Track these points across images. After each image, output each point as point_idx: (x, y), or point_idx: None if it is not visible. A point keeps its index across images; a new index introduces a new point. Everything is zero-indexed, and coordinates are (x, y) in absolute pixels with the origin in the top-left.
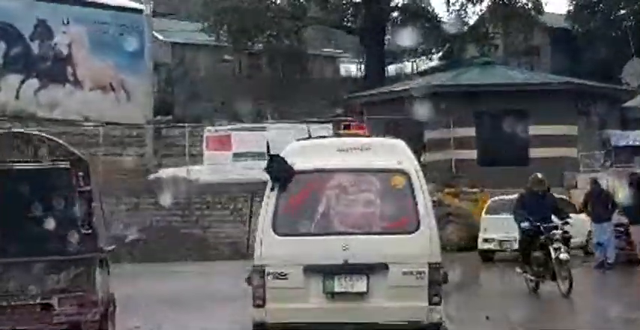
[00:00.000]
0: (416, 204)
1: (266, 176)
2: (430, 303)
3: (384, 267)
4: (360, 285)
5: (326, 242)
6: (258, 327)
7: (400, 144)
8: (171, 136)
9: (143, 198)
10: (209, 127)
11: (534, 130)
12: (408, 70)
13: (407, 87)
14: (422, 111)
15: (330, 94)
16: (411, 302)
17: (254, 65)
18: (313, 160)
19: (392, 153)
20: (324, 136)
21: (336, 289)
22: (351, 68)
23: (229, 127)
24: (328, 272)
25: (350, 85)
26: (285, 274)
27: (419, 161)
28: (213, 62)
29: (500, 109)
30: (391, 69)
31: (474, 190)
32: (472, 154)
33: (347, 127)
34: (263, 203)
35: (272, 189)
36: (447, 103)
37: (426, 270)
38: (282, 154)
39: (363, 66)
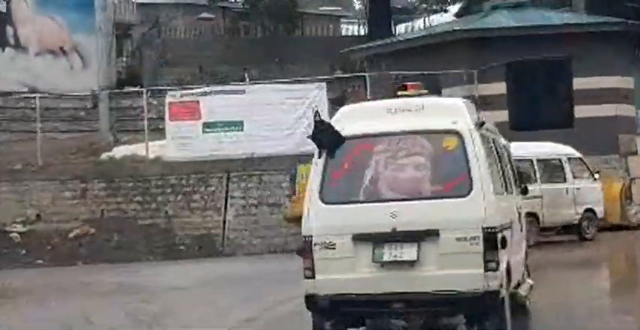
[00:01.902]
0: (469, 166)
1: (247, 151)
2: (486, 270)
3: (434, 233)
4: (410, 253)
5: (374, 210)
6: (309, 299)
7: (458, 103)
8: (134, 108)
9: (92, 182)
10: (172, 92)
11: (580, 83)
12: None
13: (419, 35)
14: (438, 63)
15: (328, 54)
16: (464, 270)
17: (237, 25)
18: (362, 125)
19: (447, 113)
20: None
21: (386, 258)
22: (354, 29)
23: (198, 90)
24: (377, 241)
25: (352, 45)
26: (334, 244)
27: None
28: (190, 22)
29: (537, 59)
30: (400, 29)
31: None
32: (502, 115)
33: (403, 87)
34: (311, 172)
35: (319, 156)
36: (469, 53)
37: (480, 235)
38: (332, 119)
39: (366, 24)
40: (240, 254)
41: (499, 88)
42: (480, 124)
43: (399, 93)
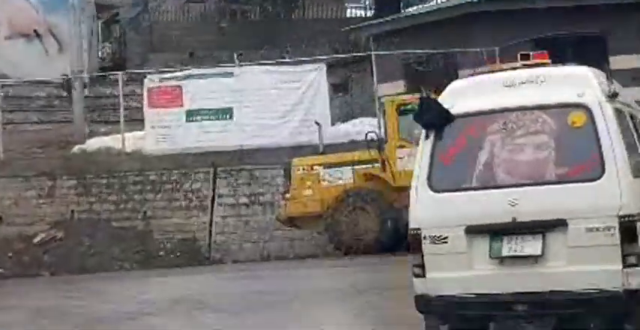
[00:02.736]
0: (600, 144)
1: (236, 142)
2: (625, 265)
3: (561, 224)
4: (533, 247)
5: (490, 197)
6: (420, 299)
7: (584, 71)
8: (115, 96)
9: (60, 179)
10: (150, 76)
11: (617, 62)
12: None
13: (433, 8)
14: (455, 41)
15: (331, 38)
16: (598, 266)
17: (232, 7)
18: (474, 101)
19: (572, 84)
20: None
21: (505, 253)
22: (360, 14)
23: (179, 73)
24: (494, 233)
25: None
26: (445, 238)
27: None
28: (180, 5)
29: (568, 35)
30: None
31: None
32: None
33: (526, 56)
34: (417, 156)
35: (426, 137)
36: (491, 28)
37: (616, 225)
38: (440, 96)
39: (373, 7)
40: (228, 261)
41: None
42: (612, 96)
43: (521, 63)
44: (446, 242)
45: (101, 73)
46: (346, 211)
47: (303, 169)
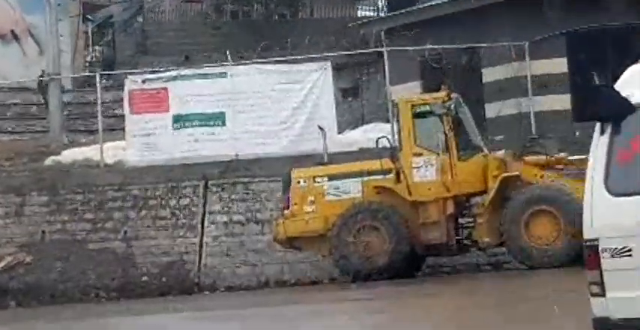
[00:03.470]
0: None
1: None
2: None
3: None
4: None
5: None
6: (599, 323)
7: None
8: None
9: (30, 196)
10: (133, 77)
11: None
12: None
13: None
14: (477, 35)
15: (339, 39)
16: None
17: (231, 7)
18: None
19: None
20: None
21: None
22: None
23: (165, 74)
24: None
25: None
26: (629, 250)
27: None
28: (176, 5)
29: (607, 28)
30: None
31: (578, 157)
32: (562, 101)
33: None
34: (590, 154)
35: (601, 132)
36: (519, 20)
37: None
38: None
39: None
40: (221, 287)
41: (557, 65)
42: None
43: None
44: (630, 255)
45: (75, 75)
46: (354, 230)
47: (305, 182)
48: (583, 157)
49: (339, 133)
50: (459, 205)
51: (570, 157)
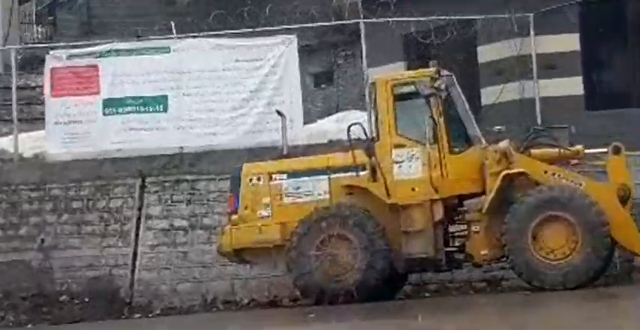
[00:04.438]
0: None
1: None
2: None
3: None
4: None
5: None
6: None
7: None
8: (32, 88)
9: None
10: (55, 51)
11: None
12: None
13: None
14: (472, 6)
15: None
16: None
17: None
18: None
19: None
20: None
21: None
22: None
23: (95, 48)
24: None
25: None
26: None
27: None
28: None
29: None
30: None
31: (596, 151)
32: (574, 85)
33: None
34: None
35: None
36: None
37: None
38: None
39: None
40: (158, 308)
41: (569, 42)
42: None
43: None
44: None
45: None
46: (318, 240)
47: (258, 180)
48: (603, 150)
49: (308, 123)
50: (450, 210)
51: (588, 151)
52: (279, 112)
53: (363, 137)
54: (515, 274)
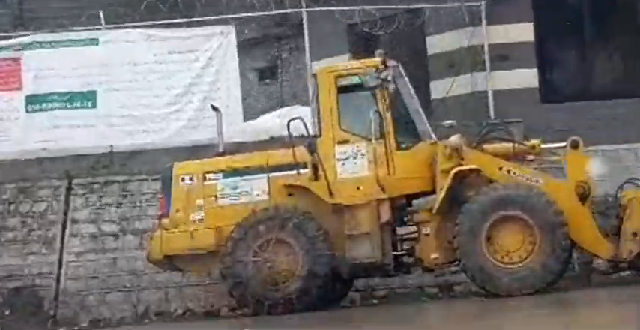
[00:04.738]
0: None
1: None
2: None
3: None
4: None
5: None
6: None
7: None
8: None
9: None
10: None
11: None
12: None
13: None
14: None
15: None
16: None
17: None
18: None
19: None
20: None
21: None
22: None
23: (16, 40)
24: None
25: None
26: None
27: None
28: None
29: None
30: None
31: (552, 146)
32: (529, 77)
33: None
34: None
35: None
36: None
37: None
38: None
39: None
40: (85, 320)
41: (523, 31)
42: None
43: None
44: None
45: None
46: (255, 245)
47: (191, 180)
48: (560, 145)
49: (249, 119)
50: (399, 210)
51: (544, 146)
52: (213, 107)
53: (306, 133)
54: (468, 278)
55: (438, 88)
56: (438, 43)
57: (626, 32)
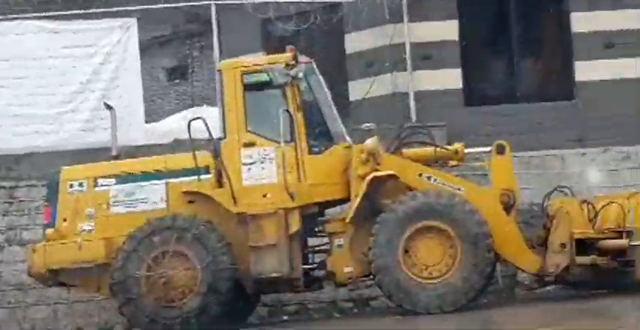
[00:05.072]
0: None
1: None
2: None
3: None
4: None
5: None
6: None
7: None
8: None
9: None
10: None
11: (582, 22)
12: None
13: None
14: None
15: None
16: None
17: None
18: None
19: None
20: None
21: None
22: None
23: None
24: None
25: None
26: None
27: None
28: None
29: None
30: None
31: (476, 150)
32: (453, 78)
33: None
34: None
35: None
36: None
37: None
38: None
39: None
40: None
41: (447, 30)
42: None
43: None
44: None
45: None
46: (149, 258)
47: (80, 186)
48: (486, 149)
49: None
50: (309, 220)
51: (468, 150)
52: (106, 105)
53: (209, 135)
54: (384, 295)
55: (357, 89)
56: (356, 41)
57: (554, 33)
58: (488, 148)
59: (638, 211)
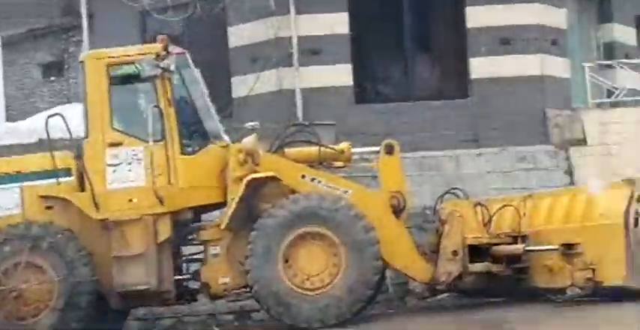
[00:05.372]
0: None
1: None
2: None
3: None
4: None
5: None
6: None
7: None
8: None
9: None
10: None
11: (477, 16)
12: None
13: None
14: None
15: None
16: None
17: None
18: None
19: None
20: None
21: None
22: None
23: None
24: None
25: None
26: None
27: None
28: None
29: None
30: None
31: (364, 150)
32: (343, 75)
33: None
34: None
35: None
36: None
37: None
38: None
39: None
40: None
41: (337, 23)
42: None
43: None
44: None
45: None
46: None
47: None
48: (374, 149)
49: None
50: (182, 227)
51: (355, 149)
52: None
53: (68, 134)
54: (262, 308)
55: (241, 85)
56: (240, 34)
57: (449, 29)
58: (376, 148)
59: (534, 215)
